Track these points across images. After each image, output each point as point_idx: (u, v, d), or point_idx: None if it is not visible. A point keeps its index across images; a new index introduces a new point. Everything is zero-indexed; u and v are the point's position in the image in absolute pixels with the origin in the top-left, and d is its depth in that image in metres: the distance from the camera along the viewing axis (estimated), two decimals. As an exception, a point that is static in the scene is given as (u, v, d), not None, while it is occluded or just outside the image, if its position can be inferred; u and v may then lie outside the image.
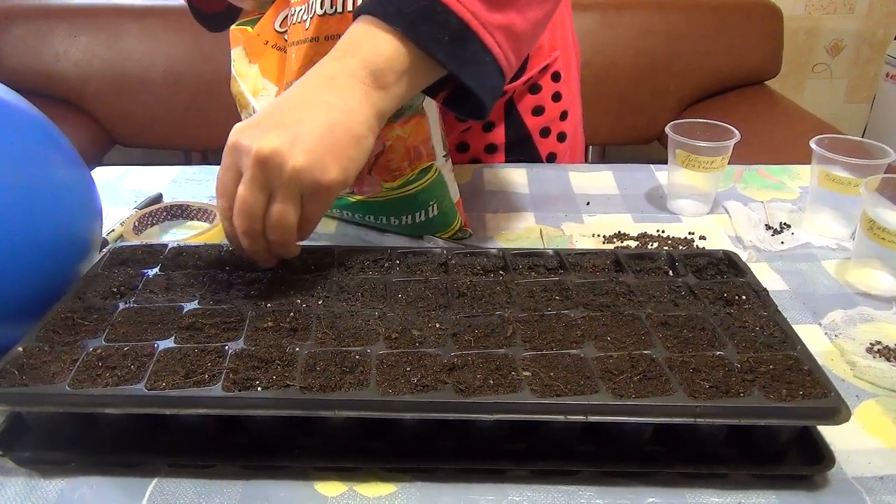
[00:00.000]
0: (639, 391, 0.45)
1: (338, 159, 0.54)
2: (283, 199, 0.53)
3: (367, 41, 0.56)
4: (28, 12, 1.91)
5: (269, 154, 0.52)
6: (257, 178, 0.53)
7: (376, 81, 0.56)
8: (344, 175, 0.54)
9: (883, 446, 0.50)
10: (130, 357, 0.48)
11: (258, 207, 0.54)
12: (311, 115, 0.54)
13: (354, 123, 0.55)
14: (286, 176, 0.52)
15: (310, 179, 0.53)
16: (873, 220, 0.64)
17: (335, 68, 0.56)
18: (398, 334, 0.51)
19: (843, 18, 2.28)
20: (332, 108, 0.55)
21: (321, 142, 0.53)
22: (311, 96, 0.56)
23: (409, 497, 0.46)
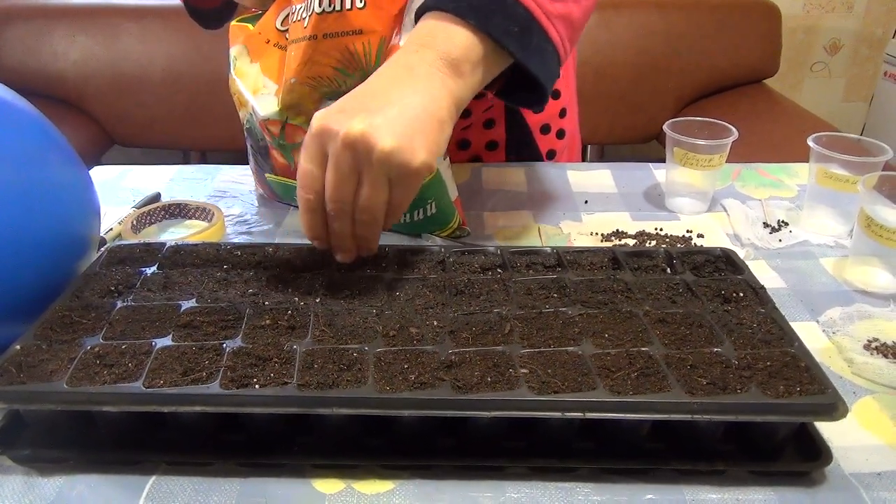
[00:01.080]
0: (636, 388, 0.45)
1: (425, 143, 0.54)
2: (371, 182, 0.53)
3: (441, 34, 0.58)
4: (27, 12, 1.91)
5: (357, 136, 0.52)
6: (347, 161, 0.53)
7: (454, 71, 0.57)
8: (430, 159, 0.54)
9: (880, 443, 0.50)
10: (128, 355, 0.48)
11: (348, 191, 0.54)
12: (396, 100, 0.55)
13: (438, 108, 0.56)
14: (375, 158, 0.52)
15: (399, 162, 0.53)
16: (871, 218, 0.64)
17: (413, 59, 0.57)
18: (396, 332, 0.51)
19: (842, 17, 2.29)
20: (416, 93, 0.55)
21: (409, 125, 0.54)
22: (393, 84, 0.56)
23: (407, 494, 0.46)
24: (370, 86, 0.57)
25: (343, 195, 0.54)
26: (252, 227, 0.78)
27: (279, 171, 0.76)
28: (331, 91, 0.67)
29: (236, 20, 0.75)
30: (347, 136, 0.52)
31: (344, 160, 0.53)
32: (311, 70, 0.67)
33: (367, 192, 0.54)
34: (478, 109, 0.91)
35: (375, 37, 0.65)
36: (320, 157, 0.54)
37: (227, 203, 0.83)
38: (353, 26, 0.65)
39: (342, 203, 0.54)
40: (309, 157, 0.55)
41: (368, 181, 0.53)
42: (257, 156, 0.78)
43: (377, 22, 0.65)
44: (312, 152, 0.54)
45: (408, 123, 0.54)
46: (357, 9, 0.65)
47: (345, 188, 0.54)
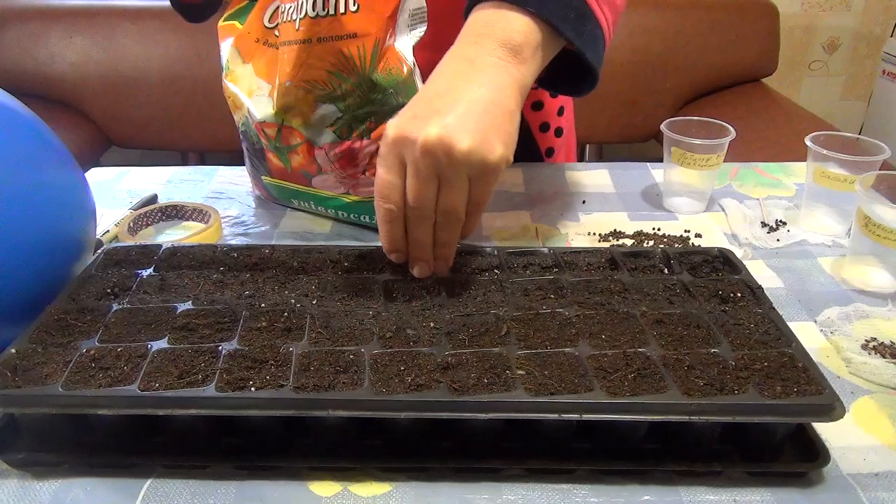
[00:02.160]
0: (633, 389, 0.45)
1: (499, 136, 0.54)
2: (452, 183, 0.54)
3: (499, 22, 0.58)
4: (23, 14, 1.91)
5: (435, 141, 0.52)
6: (428, 167, 0.53)
7: (516, 57, 0.57)
8: (507, 151, 0.55)
9: (878, 443, 0.50)
10: (124, 358, 0.48)
11: (430, 197, 0.54)
12: (463, 97, 0.55)
13: (505, 99, 0.56)
14: (455, 160, 0.52)
15: (478, 160, 0.53)
16: (869, 217, 0.64)
17: (473, 51, 0.57)
18: (392, 333, 0.51)
19: (840, 16, 2.29)
20: (482, 87, 0.55)
21: (481, 121, 0.54)
22: (458, 80, 0.56)
23: (403, 496, 0.46)
24: (435, 85, 0.57)
25: (426, 201, 0.54)
26: (249, 228, 0.78)
27: (275, 173, 0.76)
28: (325, 94, 0.67)
29: (223, 19, 0.74)
30: (426, 142, 0.52)
31: (424, 166, 0.53)
32: (306, 73, 0.67)
33: (449, 194, 0.54)
34: None
35: (370, 40, 0.65)
36: (398, 166, 0.54)
37: (224, 204, 0.83)
38: (347, 30, 0.65)
39: (425, 209, 0.54)
40: (387, 168, 0.55)
41: (449, 183, 0.54)
42: (253, 158, 0.78)
43: (371, 25, 0.65)
44: (390, 162, 0.54)
45: (480, 119, 0.54)
46: (350, 12, 0.65)
47: (427, 194, 0.54)
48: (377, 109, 0.68)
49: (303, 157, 0.71)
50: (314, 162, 0.71)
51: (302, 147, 0.71)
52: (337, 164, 0.70)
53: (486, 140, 0.53)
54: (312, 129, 0.69)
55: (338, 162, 0.70)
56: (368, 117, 0.68)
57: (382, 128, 0.68)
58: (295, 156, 0.72)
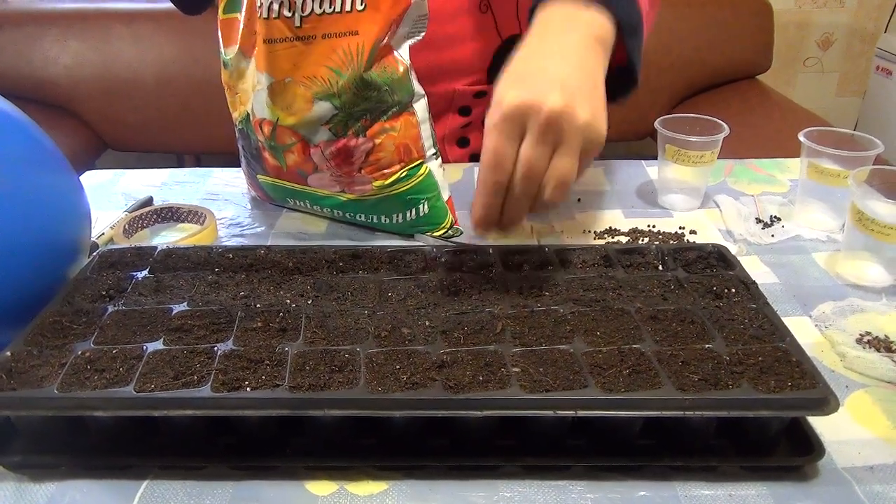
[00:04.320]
0: (628, 385, 0.45)
1: (603, 115, 0.57)
2: (569, 152, 0.55)
3: (582, 16, 0.61)
4: (17, 17, 1.91)
5: (562, 109, 0.53)
6: (549, 135, 0.54)
7: (603, 48, 0.61)
8: (606, 130, 0.57)
9: (872, 436, 0.50)
10: (119, 359, 0.48)
11: (544, 165, 0.55)
12: (572, 73, 0.57)
13: (600, 82, 0.59)
14: (578, 128, 0.54)
15: (595, 132, 0.55)
16: (862, 212, 0.64)
17: (566, 40, 0.60)
18: (388, 332, 0.51)
19: (834, 12, 2.29)
20: (581, 68, 0.58)
21: (592, 98, 0.56)
22: (561, 61, 0.58)
23: (400, 495, 0.46)
24: (537, 63, 0.58)
25: (539, 171, 0.55)
26: (245, 229, 0.78)
27: (271, 172, 0.76)
28: (323, 91, 0.67)
29: (223, 12, 0.74)
30: (552, 110, 0.53)
31: (550, 133, 0.54)
32: (308, 70, 0.67)
33: (565, 163, 0.55)
34: (478, 107, 0.91)
35: (369, 38, 0.65)
36: (517, 135, 0.55)
37: (220, 206, 0.83)
38: (351, 27, 0.65)
39: (535, 181, 0.55)
40: (504, 136, 0.55)
41: (566, 152, 0.55)
42: (249, 157, 0.78)
43: (373, 24, 0.65)
44: (507, 130, 0.55)
45: (591, 95, 0.56)
46: (357, 11, 0.65)
47: (543, 163, 0.55)
48: (372, 107, 0.68)
49: (298, 155, 0.71)
50: (310, 160, 0.71)
51: (297, 145, 0.71)
52: (332, 161, 0.70)
53: (597, 115, 0.56)
54: (308, 126, 0.69)
55: (333, 160, 0.70)
56: (364, 115, 0.68)
57: (378, 125, 0.68)
58: (290, 154, 0.72)
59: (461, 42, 0.87)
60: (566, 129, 0.54)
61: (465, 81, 0.89)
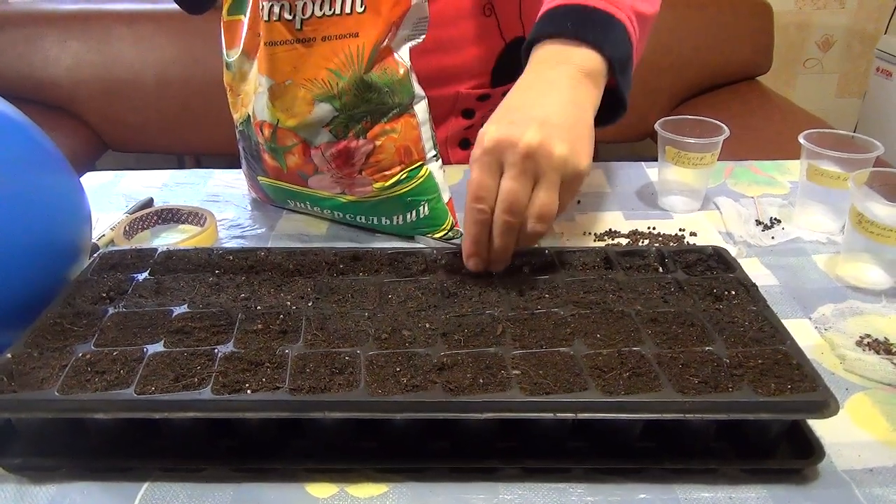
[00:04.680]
0: (628, 388, 0.45)
1: (586, 148, 0.59)
2: (548, 186, 0.57)
3: (573, 53, 0.63)
4: (18, 18, 1.91)
5: (538, 145, 0.56)
6: (527, 169, 0.56)
7: (592, 82, 0.63)
8: (589, 162, 0.59)
9: (872, 439, 0.50)
10: (120, 362, 0.48)
11: (525, 199, 0.57)
12: (553, 110, 0.59)
13: (587, 116, 0.61)
14: (554, 164, 0.56)
15: (572, 166, 0.57)
16: (862, 214, 0.64)
17: (553, 75, 0.62)
18: (388, 335, 0.51)
19: (834, 13, 2.29)
20: (568, 104, 0.60)
21: (571, 132, 0.58)
22: (545, 96, 0.61)
23: (400, 497, 0.46)
24: (523, 98, 0.61)
25: (520, 205, 0.56)
26: (245, 231, 0.78)
27: (271, 173, 0.76)
28: (323, 93, 0.67)
29: (227, 13, 0.74)
30: (529, 145, 0.55)
31: (526, 168, 0.56)
32: (308, 72, 0.67)
33: (543, 197, 0.57)
34: (481, 110, 0.91)
35: (370, 40, 0.66)
36: (496, 169, 0.57)
37: (220, 207, 0.83)
38: (351, 29, 0.66)
39: (517, 214, 0.57)
40: (484, 170, 0.57)
41: (545, 186, 0.57)
42: (250, 159, 0.78)
43: (373, 27, 0.65)
44: (487, 164, 0.57)
45: (570, 130, 0.58)
46: (357, 13, 0.65)
47: (524, 195, 0.56)
48: (373, 109, 0.68)
49: (299, 157, 0.72)
50: (310, 162, 0.71)
51: (298, 147, 0.71)
52: (333, 163, 0.71)
53: (577, 150, 0.58)
54: (309, 128, 0.69)
55: (334, 161, 0.70)
56: (364, 117, 0.68)
57: (379, 127, 0.68)
58: (291, 156, 0.72)
59: (465, 45, 0.87)
60: (543, 164, 0.56)
61: (468, 84, 0.89)
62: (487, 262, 0.59)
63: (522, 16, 0.89)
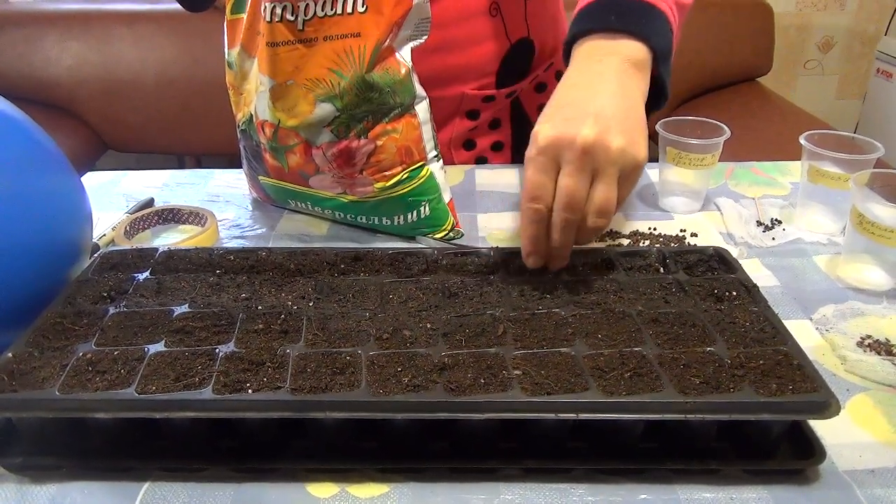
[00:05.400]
0: (629, 388, 0.45)
1: (641, 139, 0.58)
2: (607, 180, 0.56)
3: (619, 45, 0.63)
4: (19, 18, 1.91)
5: (594, 140, 0.55)
6: (585, 165, 0.56)
7: (640, 72, 0.63)
8: (646, 153, 0.58)
9: (874, 440, 0.50)
10: (121, 361, 0.48)
11: (583, 195, 0.56)
12: (606, 104, 0.58)
13: (639, 106, 0.61)
14: (612, 157, 0.56)
15: (630, 158, 0.57)
16: (863, 215, 0.64)
17: (601, 67, 0.62)
18: (389, 335, 0.51)
19: (834, 15, 2.29)
20: (619, 95, 0.60)
21: (626, 124, 0.58)
22: (596, 90, 0.60)
23: (401, 497, 0.46)
24: (573, 94, 0.61)
25: (579, 201, 0.56)
26: (246, 231, 0.78)
27: (272, 173, 0.76)
28: (325, 93, 0.67)
29: (230, 12, 0.74)
30: (585, 141, 0.55)
31: (584, 164, 0.56)
32: (310, 72, 0.67)
33: (602, 192, 0.56)
34: (486, 111, 0.91)
35: (372, 40, 0.66)
36: (553, 167, 0.57)
37: (221, 207, 0.83)
38: (353, 29, 0.66)
39: (576, 210, 0.56)
40: (540, 169, 0.57)
41: (604, 181, 0.56)
42: (251, 158, 0.78)
43: (375, 26, 0.65)
44: (543, 164, 0.57)
45: (625, 122, 0.58)
46: (358, 13, 0.65)
47: (582, 192, 0.56)
48: (374, 109, 0.68)
49: (300, 156, 0.72)
50: (311, 161, 0.71)
51: (299, 147, 0.71)
52: (334, 163, 0.71)
53: (633, 141, 0.57)
54: (310, 128, 0.69)
55: (335, 161, 0.70)
56: (366, 116, 0.68)
57: (380, 127, 0.68)
58: (292, 155, 0.72)
59: (470, 46, 0.87)
60: (600, 158, 0.56)
61: (473, 85, 0.89)
62: (545, 260, 0.59)
63: (527, 17, 0.89)
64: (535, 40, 0.91)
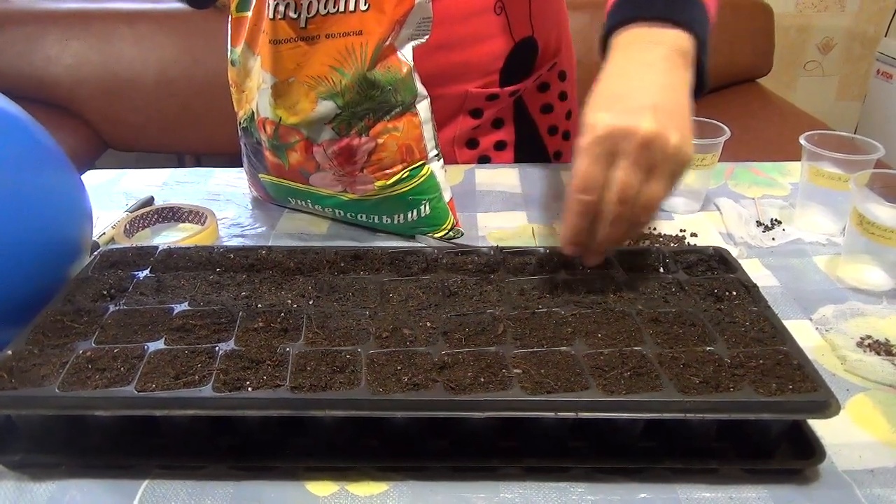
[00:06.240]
0: (629, 387, 0.45)
1: (691, 135, 0.57)
2: (661, 176, 0.55)
3: (663, 34, 0.61)
4: (20, 17, 1.91)
5: (655, 134, 0.53)
6: (643, 159, 0.54)
7: (686, 62, 0.61)
8: (693, 149, 0.57)
9: (873, 439, 0.50)
10: (120, 359, 0.48)
11: (636, 189, 0.54)
12: (661, 96, 0.56)
13: (686, 98, 0.59)
14: (669, 153, 0.54)
15: (684, 156, 0.55)
16: (863, 216, 0.64)
17: (648, 57, 0.60)
18: (389, 333, 0.51)
19: (834, 16, 2.30)
20: (669, 88, 0.58)
21: (680, 118, 0.56)
22: (645, 79, 0.58)
23: (401, 496, 0.46)
24: (624, 84, 0.58)
25: (633, 195, 0.54)
26: (245, 229, 0.78)
27: (273, 170, 0.76)
28: (326, 90, 0.68)
29: (235, 11, 0.74)
30: (646, 134, 0.53)
31: (641, 158, 0.54)
32: (312, 69, 0.67)
33: (656, 188, 0.55)
34: (489, 109, 0.91)
35: (374, 38, 0.66)
36: (607, 158, 0.54)
37: (221, 206, 0.83)
38: (355, 27, 0.66)
39: (630, 204, 0.55)
40: (594, 160, 0.54)
41: (658, 176, 0.55)
42: (251, 156, 0.78)
43: (377, 24, 0.65)
44: (598, 154, 0.54)
45: (680, 116, 0.56)
46: (360, 11, 0.65)
47: (636, 186, 0.54)
48: (376, 107, 0.68)
49: (301, 154, 0.72)
50: (312, 159, 0.71)
51: (300, 144, 0.71)
52: (335, 161, 0.71)
53: (686, 137, 0.56)
54: (311, 126, 0.69)
55: (336, 159, 0.70)
56: (367, 114, 0.68)
57: (381, 125, 0.68)
58: (293, 153, 0.72)
59: (475, 43, 0.87)
60: (658, 153, 0.54)
61: (477, 83, 0.89)
62: (584, 252, 0.58)
63: (532, 16, 0.89)
64: (538, 40, 0.91)
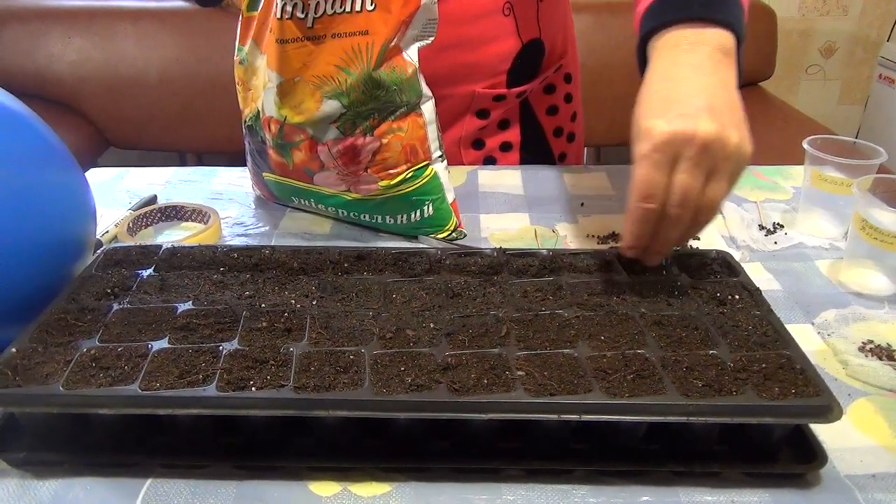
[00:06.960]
0: (632, 390, 0.46)
1: (748, 133, 0.57)
2: (722, 177, 0.55)
3: (706, 34, 0.61)
4: (22, 14, 1.91)
5: (715, 137, 0.54)
6: (704, 161, 0.54)
7: (731, 61, 0.61)
8: (751, 147, 0.57)
9: (875, 444, 0.50)
10: (124, 358, 0.48)
11: (698, 192, 0.55)
12: (713, 97, 0.56)
13: (737, 97, 0.59)
14: (729, 154, 0.54)
15: (744, 154, 0.56)
16: (865, 220, 0.64)
17: (693, 58, 0.60)
18: (392, 334, 0.51)
19: (837, 20, 2.30)
20: (719, 87, 0.58)
21: (736, 118, 0.56)
22: (694, 80, 0.58)
23: (403, 496, 0.46)
24: (674, 87, 0.58)
25: (694, 198, 0.55)
26: (249, 229, 0.78)
27: (277, 169, 0.76)
28: (332, 90, 0.68)
29: (246, 10, 0.74)
30: (706, 138, 0.54)
31: (702, 161, 0.54)
32: (318, 69, 0.67)
33: (717, 189, 0.55)
34: (496, 110, 0.92)
35: (380, 38, 0.66)
36: (668, 164, 0.55)
37: (224, 205, 0.83)
38: (361, 27, 0.66)
39: (690, 207, 0.55)
40: (655, 167, 0.55)
41: (719, 178, 0.55)
42: (256, 155, 0.78)
43: (383, 24, 0.66)
44: (660, 160, 0.55)
45: (735, 116, 0.56)
46: (367, 11, 0.65)
47: (698, 189, 0.55)
48: (381, 106, 0.68)
49: (305, 153, 0.72)
50: (316, 158, 0.72)
51: (304, 143, 0.71)
52: (339, 160, 0.71)
53: (744, 135, 0.56)
54: (316, 125, 0.70)
55: (340, 158, 0.71)
56: (372, 114, 0.68)
57: (386, 125, 0.69)
58: (297, 152, 0.72)
59: (483, 44, 0.87)
60: (718, 154, 0.54)
61: (484, 84, 0.90)
62: (643, 254, 0.59)
63: (539, 18, 0.90)
64: (545, 41, 0.92)
